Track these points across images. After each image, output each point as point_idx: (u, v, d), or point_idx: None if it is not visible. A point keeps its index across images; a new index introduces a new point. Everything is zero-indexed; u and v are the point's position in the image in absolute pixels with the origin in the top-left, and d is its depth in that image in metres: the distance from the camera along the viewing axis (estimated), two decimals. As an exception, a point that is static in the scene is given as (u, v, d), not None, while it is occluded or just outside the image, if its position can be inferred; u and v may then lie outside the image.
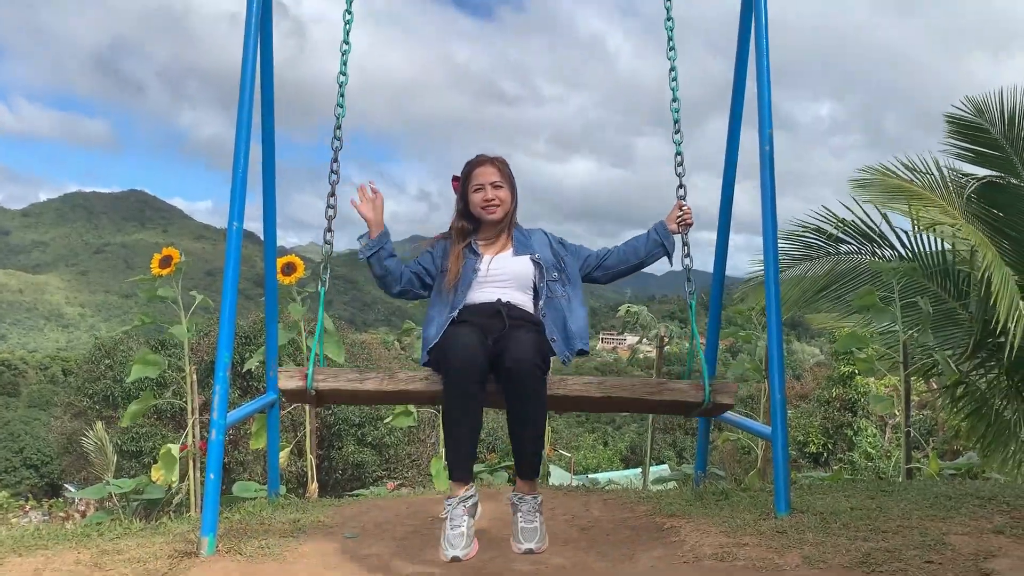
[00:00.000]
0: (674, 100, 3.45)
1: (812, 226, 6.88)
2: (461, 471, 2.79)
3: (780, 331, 3.41)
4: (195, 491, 4.59)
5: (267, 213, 4.09)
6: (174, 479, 4.51)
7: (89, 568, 2.94)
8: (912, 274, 6.10)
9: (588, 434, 67.53)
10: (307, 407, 5.06)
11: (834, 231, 6.78)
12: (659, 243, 3.29)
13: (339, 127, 3.24)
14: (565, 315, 3.14)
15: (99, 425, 17.88)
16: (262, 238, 4.14)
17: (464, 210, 3.26)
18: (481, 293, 3.12)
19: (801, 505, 3.35)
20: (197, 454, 4.64)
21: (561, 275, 3.22)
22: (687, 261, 3.32)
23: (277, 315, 4.22)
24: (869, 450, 18.97)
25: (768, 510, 3.29)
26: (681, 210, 3.29)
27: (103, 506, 4.75)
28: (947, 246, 6.25)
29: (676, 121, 3.41)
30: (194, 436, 4.69)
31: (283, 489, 4.52)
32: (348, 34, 3.33)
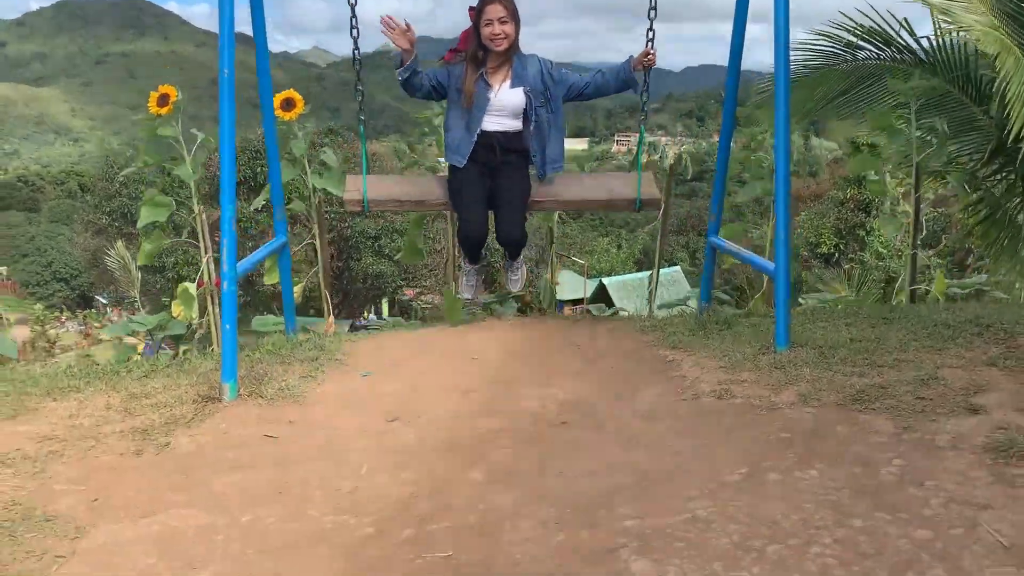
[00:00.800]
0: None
1: (830, 34, 6.60)
2: (474, 259, 4.20)
3: (788, 164, 3.36)
4: (215, 324, 4.74)
5: (260, 59, 3.96)
6: (194, 315, 4.65)
7: (119, 413, 3.11)
8: (931, 83, 5.90)
9: (602, 238, 68.40)
10: (318, 240, 5.12)
11: (853, 38, 6.51)
12: (625, 81, 3.91)
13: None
14: (546, 140, 3.96)
15: (120, 244, 18.18)
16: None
17: (478, 41, 3.85)
18: (488, 120, 3.90)
19: (801, 338, 3.43)
20: (214, 290, 4.76)
21: (547, 103, 3.92)
22: (645, 96, 4.05)
23: (278, 155, 4.18)
24: (880, 249, 19.07)
25: (769, 343, 3.38)
26: (647, 56, 3.85)
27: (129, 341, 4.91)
28: (971, 49, 6.01)
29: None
30: (209, 273, 4.78)
31: (299, 323, 4.65)
32: None
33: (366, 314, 35.34)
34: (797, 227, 27.73)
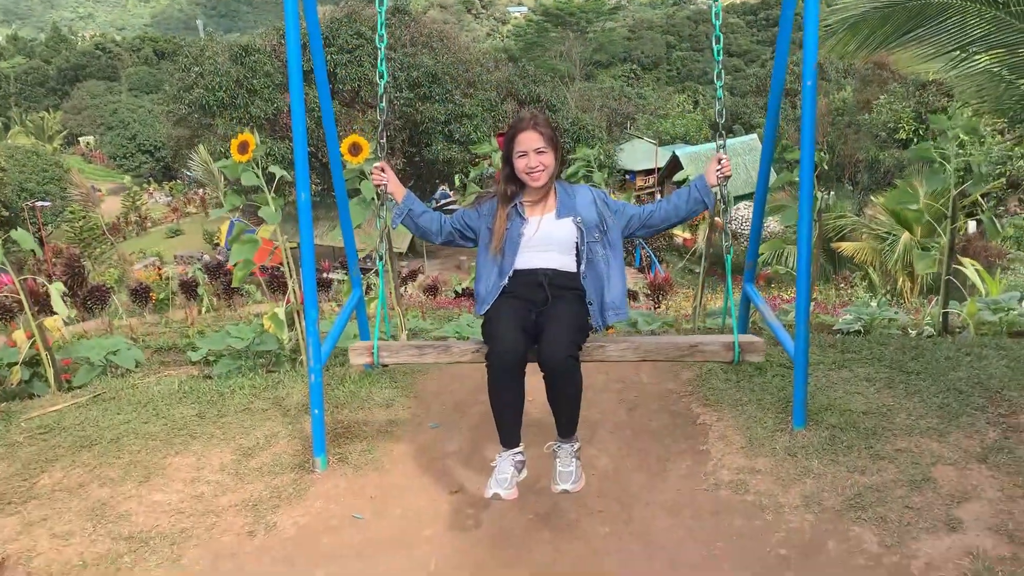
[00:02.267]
0: (717, 56, 3.40)
1: None
2: (508, 437, 3.15)
3: (810, 246, 3.63)
4: (302, 339, 5.33)
5: (323, 102, 4.30)
6: (284, 336, 5.24)
7: (232, 477, 3.76)
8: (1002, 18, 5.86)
9: (677, 95, 66.48)
10: (387, 255, 5.56)
11: None
12: (700, 200, 3.37)
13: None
14: (603, 283, 3.31)
15: (202, 149, 18.91)
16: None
17: (510, 174, 3.37)
18: (526, 257, 3.30)
19: (819, 403, 3.83)
20: (299, 308, 5.31)
21: (603, 236, 3.34)
22: (728, 216, 3.46)
23: (349, 210, 4.58)
24: (962, 136, 18.37)
25: (788, 414, 3.78)
26: (719, 163, 3.33)
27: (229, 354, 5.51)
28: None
29: (719, 74, 3.37)
30: (295, 293, 5.33)
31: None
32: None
33: (437, 190, 35.94)
34: (874, 110, 27.00)
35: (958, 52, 6.76)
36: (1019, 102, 6.67)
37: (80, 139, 73.46)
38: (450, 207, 36.08)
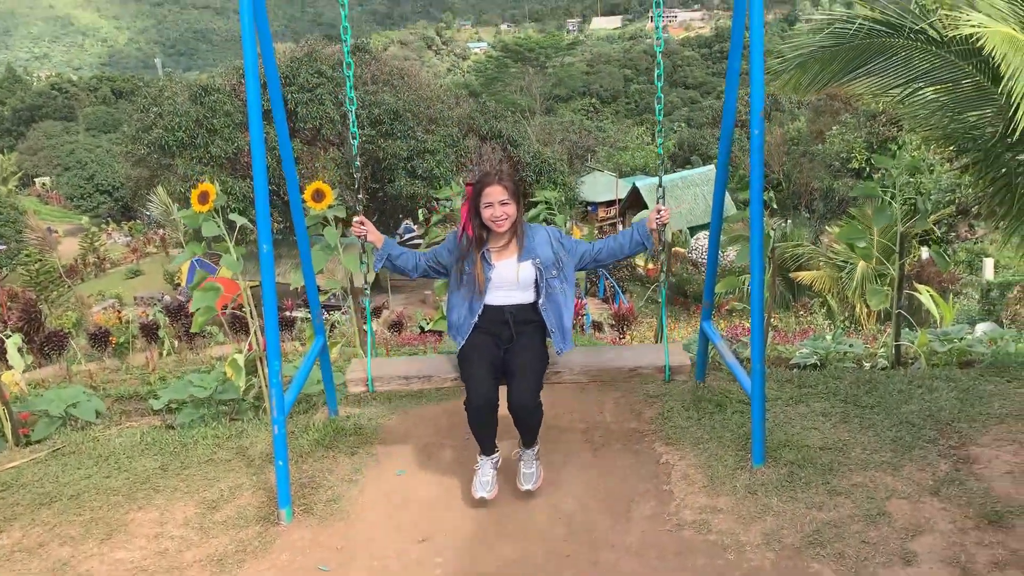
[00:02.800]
0: (658, 100, 3.72)
1: (842, 17, 6.70)
2: (486, 447, 3.82)
3: (762, 291, 3.73)
4: (265, 387, 5.31)
5: (282, 141, 4.34)
6: (241, 384, 5.21)
7: (196, 532, 3.73)
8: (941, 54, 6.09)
9: (636, 127, 67.46)
10: (355, 316, 5.59)
11: (863, 23, 6.62)
12: (640, 242, 3.87)
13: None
14: (561, 310, 3.84)
15: (160, 190, 18.75)
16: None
17: (478, 221, 3.83)
18: (492, 296, 3.85)
19: (777, 439, 3.91)
20: (262, 355, 5.30)
21: (559, 272, 3.84)
22: (663, 257, 4.14)
23: (310, 252, 4.60)
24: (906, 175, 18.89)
25: (747, 452, 3.86)
26: (659, 213, 3.82)
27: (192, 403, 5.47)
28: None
29: (660, 130, 3.70)
30: (258, 339, 5.32)
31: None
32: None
33: (400, 225, 35.94)
34: (827, 140, 27.82)
35: (905, 86, 7.00)
36: (965, 133, 6.90)
37: (36, 180, 72.34)
38: (413, 241, 36.11)
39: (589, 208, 41.93)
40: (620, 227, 37.95)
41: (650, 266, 29.74)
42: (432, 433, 4.60)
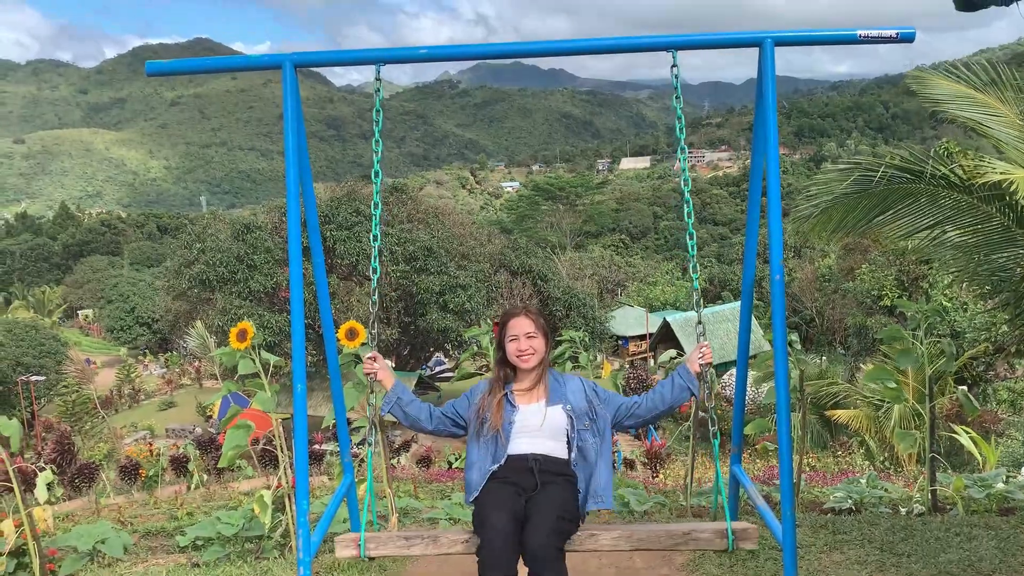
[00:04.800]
0: (690, 236, 3.60)
1: (863, 166, 6.84)
2: None
3: (788, 432, 3.71)
4: (292, 524, 5.29)
5: (318, 278, 4.49)
6: (267, 522, 5.20)
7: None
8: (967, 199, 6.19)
9: (665, 262, 68.38)
10: (383, 448, 5.61)
11: (886, 169, 6.73)
12: (684, 387, 3.41)
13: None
14: (592, 468, 3.33)
15: (199, 324, 19.17)
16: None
17: (502, 358, 3.49)
18: (517, 443, 3.34)
19: (813, 589, 3.80)
20: (291, 491, 5.31)
21: (592, 424, 3.38)
22: (711, 402, 3.48)
23: (343, 395, 4.69)
24: (945, 303, 18.95)
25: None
26: (701, 351, 3.42)
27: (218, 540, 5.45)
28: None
29: (694, 268, 3.53)
30: (287, 476, 5.34)
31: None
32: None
33: (431, 358, 36.13)
34: (858, 277, 28.03)
35: (930, 229, 7.09)
36: (994, 273, 6.96)
37: (79, 312, 74.39)
38: (444, 374, 36.21)
39: (620, 342, 42.04)
40: (651, 361, 37.81)
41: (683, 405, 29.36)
42: (458, 575, 4.52)
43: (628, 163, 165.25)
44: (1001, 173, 5.89)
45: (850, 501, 5.24)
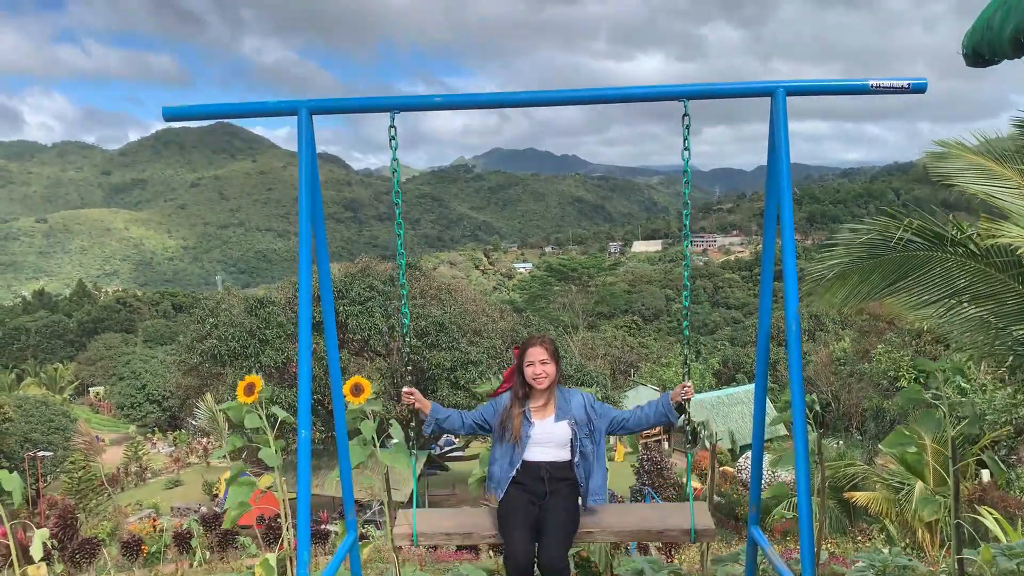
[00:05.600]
0: (685, 297, 4.00)
1: (878, 229, 6.76)
2: None
3: (808, 486, 3.58)
4: (294, 590, 5.11)
5: (329, 348, 4.44)
6: (274, 584, 5.02)
7: None
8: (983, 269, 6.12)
9: (678, 344, 68.09)
10: (387, 509, 5.47)
11: (903, 234, 6.65)
12: (663, 414, 4.10)
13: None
14: (591, 470, 4.12)
15: (209, 398, 19.04)
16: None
17: (521, 380, 4.17)
18: (531, 452, 4.13)
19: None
20: (292, 554, 5.15)
21: (591, 434, 4.14)
22: (688, 428, 4.15)
23: (349, 455, 4.59)
24: (963, 385, 18.63)
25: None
26: (684, 389, 4.05)
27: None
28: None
29: (686, 314, 4.07)
30: (288, 540, 5.18)
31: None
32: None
33: (441, 438, 35.69)
34: (873, 359, 27.75)
35: (945, 301, 6.98)
36: (1011, 348, 6.81)
37: (91, 389, 74.35)
38: (454, 453, 35.69)
39: (634, 424, 41.44)
40: (665, 444, 37.34)
41: (697, 485, 28.84)
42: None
43: (640, 246, 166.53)
44: (1012, 237, 5.85)
45: (872, 571, 5.02)
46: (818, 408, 5.27)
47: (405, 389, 4.25)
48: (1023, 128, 6.61)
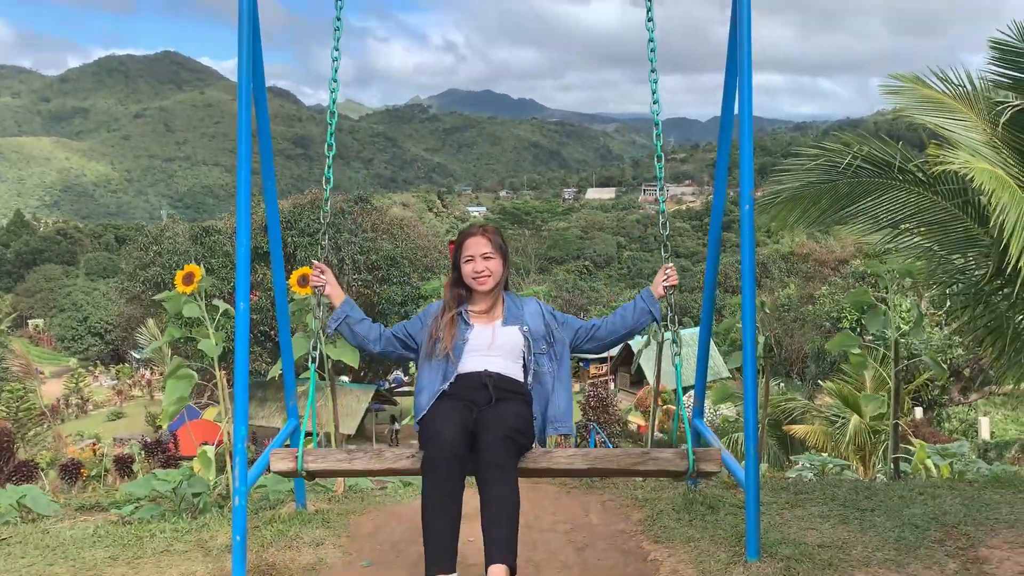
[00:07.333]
0: (658, 159, 3.55)
1: (830, 154, 6.79)
2: (441, 565, 2.75)
3: (755, 372, 3.60)
4: (233, 482, 5.04)
5: (276, 277, 4.30)
6: (211, 477, 4.95)
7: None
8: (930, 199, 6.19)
9: (628, 290, 68.71)
10: (333, 411, 5.41)
11: (852, 161, 6.69)
12: (646, 311, 3.38)
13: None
14: (548, 394, 3.24)
15: (151, 323, 18.68)
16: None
17: (457, 278, 3.36)
18: (470, 361, 3.20)
19: (772, 537, 3.65)
20: (231, 450, 5.06)
21: (550, 348, 3.29)
22: (673, 327, 3.35)
23: (291, 343, 4.49)
24: (902, 325, 19.11)
25: (742, 546, 3.60)
26: (666, 273, 3.39)
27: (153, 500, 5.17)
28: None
29: (660, 179, 3.51)
30: (228, 434, 5.09)
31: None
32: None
33: (391, 373, 35.66)
34: (817, 301, 28.35)
35: (892, 228, 7.06)
36: (952, 276, 6.93)
37: (29, 321, 72.47)
38: (403, 389, 35.71)
39: (581, 364, 41.93)
40: (612, 384, 37.76)
41: (641, 422, 29.37)
42: (404, 530, 4.30)
43: (594, 193, 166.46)
44: (960, 164, 5.90)
45: (812, 471, 5.15)
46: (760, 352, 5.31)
47: (316, 264, 3.42)
48: (999, 49, 6.64)
